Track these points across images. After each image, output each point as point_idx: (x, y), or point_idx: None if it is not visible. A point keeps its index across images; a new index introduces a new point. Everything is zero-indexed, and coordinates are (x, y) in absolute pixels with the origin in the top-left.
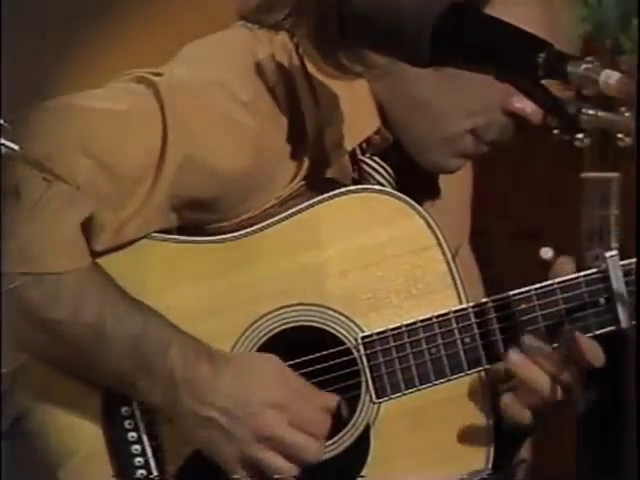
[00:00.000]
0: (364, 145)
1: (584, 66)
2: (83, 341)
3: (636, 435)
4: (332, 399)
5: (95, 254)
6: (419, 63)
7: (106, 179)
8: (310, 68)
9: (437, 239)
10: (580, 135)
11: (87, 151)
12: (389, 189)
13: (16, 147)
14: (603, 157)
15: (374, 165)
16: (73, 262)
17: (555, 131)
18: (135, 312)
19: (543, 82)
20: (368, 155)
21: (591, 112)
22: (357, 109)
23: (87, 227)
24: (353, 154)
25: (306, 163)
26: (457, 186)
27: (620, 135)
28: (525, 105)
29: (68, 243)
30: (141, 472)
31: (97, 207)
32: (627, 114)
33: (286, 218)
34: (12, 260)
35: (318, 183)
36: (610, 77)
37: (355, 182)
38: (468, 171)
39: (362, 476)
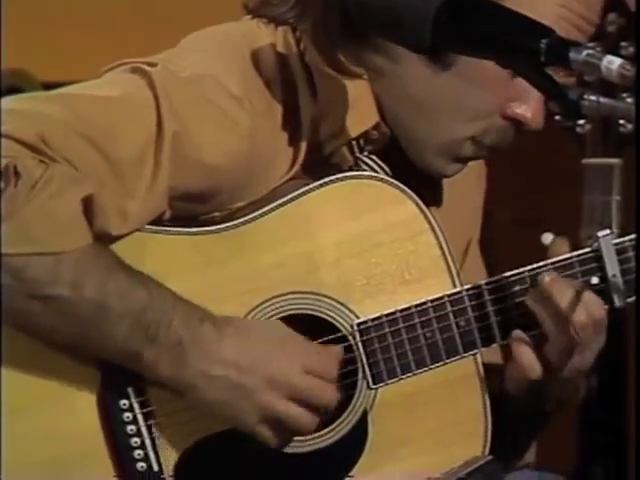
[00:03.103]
0: (362, 142)
1: (586, 52)
2: (86, 317)
3: (636, 420)
4: (337, 350)
5: (105, 238)
6: (421, 49)
7: (103, 162)
8: (310, 62)
9: (430, 224)
10: (582, 121)
11: (83, 134)
12: (381, 175)
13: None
14: (605, 143)
15: (372, 165)
16: (73, 241)
17: (557, 117)
18: (139, 286)
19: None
20: (366, 154)
21: (593, 98)
22: (355, 103)
23: (89, 208)
24: (351, 152)
25: (301, 158)
26: (469, 179)
27: (622, 121)
28: (525, 111)
29: (68, 223)
30: (141, 465)
31: (96, 189)
32: (629, 100)
33: (278, 207)
34: (11, 241)
35: (315, 168)
36: (612, 63)
37: None
38: (482, 166)
39: (351, 477)
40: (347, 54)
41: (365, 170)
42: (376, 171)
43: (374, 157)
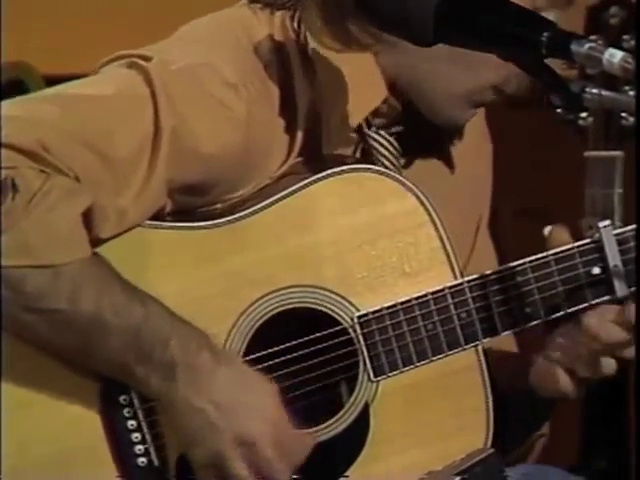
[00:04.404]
0: (370, 117)
1: (588, 45)
2: (82, 331)
3: (636, 414)
4: (312, 439)
5: (101, 241)
6: (423, 43)
7: (102, 165)
8: (311, 45)
9: (430, 216)
10: (584, 114)
11: (81, 138)
12: (380, 168)
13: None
14: (607, 136)
15: (380, 140)
16: (71, 254)
17: (559, 110)
18: (136, 302)
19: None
20: (374, 129)
21: (595, 91)
22: (362, 82)
23: (90, 217)
24: (359, 128)
25: (298, 145)
26: (478, 154)
27: (624, 114)
28: None
29: (66, 235)
30: (142, 460)
31: (97, 195)
32: (631, 93)
33: (278, 200)
34: (10, 253)
35: (315, 160)
36: (614, 56)
37: (360, 156)
38: (487, 139)
39: (346, 477)
40: (358, 24)
41: (374, 146)
42: (384, 146)
43: (382, 132)
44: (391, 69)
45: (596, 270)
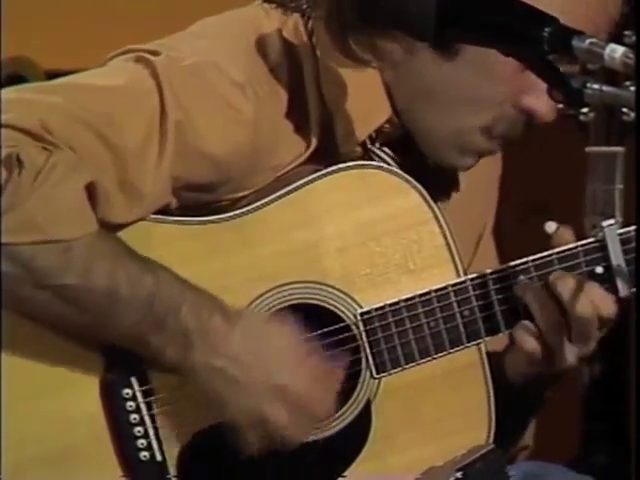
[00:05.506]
0: (373, 134)
1: (589, 40)
2: (96, 305)
3: (636, 409)
4: (345, 358)
5: (113, 227)
6: (424, 38)
7: (105, 150)
8: (320, 57)
9: (434, 213)
10: (585, 109)
11: (85, 122)
12: (384, 165)
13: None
14: (608, 131)
15: (383, 156)
16: (79, 229)
17: (560, 106)
18: (146, 272)
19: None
20: (377, 146)
21: (596, 86)
22: (368, 98)
23: (93, 196)
24: (363, 144)
25: (311, 149)
26: (484, 164)
27: (625, 109)
28: (537, 102)
29: (73, 210)
30: (144, 454)
31: (98, 176)
32: (632, 88)
33: (282, 196)
34: (18, 230)
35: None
36: (615, 51)
37: None
38: (497, 156)
39: (344, 477)
40: (359, 41)
41: (374, 161)
42: (388, 163)
43: (386, 149)
44: (391, 87)
45: (599, 269)
